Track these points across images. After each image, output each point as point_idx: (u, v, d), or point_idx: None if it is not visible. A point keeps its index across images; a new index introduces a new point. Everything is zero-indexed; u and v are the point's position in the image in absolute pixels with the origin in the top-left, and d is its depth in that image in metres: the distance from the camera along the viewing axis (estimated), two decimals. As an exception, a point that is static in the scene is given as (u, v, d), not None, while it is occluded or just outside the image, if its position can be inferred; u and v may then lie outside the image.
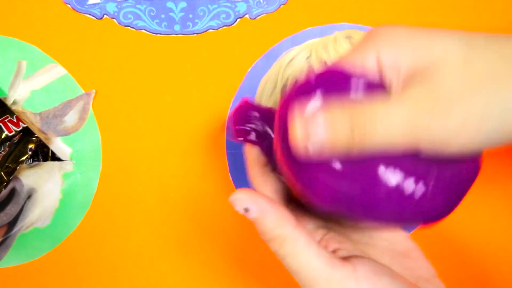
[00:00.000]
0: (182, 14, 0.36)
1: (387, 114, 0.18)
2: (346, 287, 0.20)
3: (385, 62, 0.20)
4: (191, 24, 0.36)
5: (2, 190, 0.37)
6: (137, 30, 0.36)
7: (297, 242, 0.21)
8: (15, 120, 0.40)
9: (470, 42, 0.19)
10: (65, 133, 0.36)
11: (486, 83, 0.18)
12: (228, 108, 0.36)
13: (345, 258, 0.22)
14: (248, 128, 0.25)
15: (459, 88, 0.18)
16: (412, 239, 0.26)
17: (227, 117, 0.28)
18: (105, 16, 0.35)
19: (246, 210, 0.22)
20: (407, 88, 0.19)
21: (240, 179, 0.37)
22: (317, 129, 0.19)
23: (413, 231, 0.37)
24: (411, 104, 0.18)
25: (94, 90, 0.36)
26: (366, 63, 0.20)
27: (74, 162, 0.36)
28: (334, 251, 0.24)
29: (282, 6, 0.36)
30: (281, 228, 0.21)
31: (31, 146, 0.40)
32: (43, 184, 0.36)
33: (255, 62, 0.36)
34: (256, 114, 0.25)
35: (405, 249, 0.25)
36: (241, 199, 0.22)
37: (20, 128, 0.40)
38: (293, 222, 0.22)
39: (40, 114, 0.36)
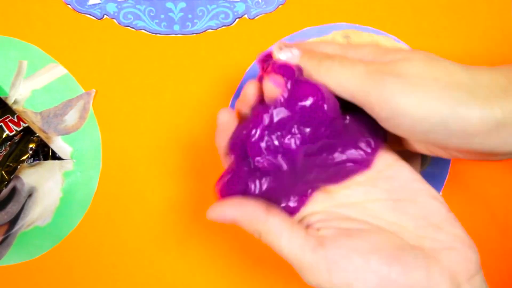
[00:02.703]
0: (181, 14, 0.36)
1: (353, 64, 0.23)
2: (319, 271, 0.22)
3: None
4: (190, 24, 0.36)
5: (3, 189, 0.37)
6: (137, 30, 0.36)
7: (271, 234, 0.23)
8: (16, 119, 0.40)
9: (432, 57, 0.23)
10: (65, 132, 0.36)
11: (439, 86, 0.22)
12: (228, 106, 0.37)
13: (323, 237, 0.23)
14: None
15: (420, 74, 0.22)
16: (421, 180, 0.25)
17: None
18: (105, 16, 0.36)
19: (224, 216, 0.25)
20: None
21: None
22: (291, 51, 0.25)
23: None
24: (376, 67, 0.23)
25: (94, 90, 0.36)
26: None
27: (74, 161, 0.37)
28: (318, 229, 0.24)
29: (280, 6, 0.36)
30: (255, 225, 0.24)
31: (31, 145, 0.40)
32: (43, 183, 0.37)
33: (254, 62, 0.36)
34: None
35: (409, 194, 0.24)
36: (215, 211, 0.26)
37: (21, 127, 0.40)
38: (263, 214, 0.24)
39: (40, 113, 0.36)
